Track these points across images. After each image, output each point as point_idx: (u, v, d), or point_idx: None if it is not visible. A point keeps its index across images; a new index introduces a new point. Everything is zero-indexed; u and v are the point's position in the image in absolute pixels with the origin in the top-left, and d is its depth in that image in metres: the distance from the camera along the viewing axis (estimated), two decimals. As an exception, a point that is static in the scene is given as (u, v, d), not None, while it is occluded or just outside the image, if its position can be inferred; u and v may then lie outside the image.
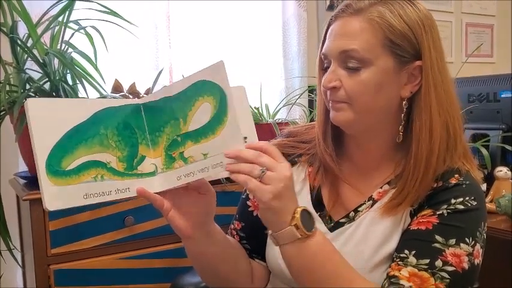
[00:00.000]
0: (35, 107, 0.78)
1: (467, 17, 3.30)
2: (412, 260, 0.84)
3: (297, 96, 2.04)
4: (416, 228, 0.87)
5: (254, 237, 1.06)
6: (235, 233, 1.08)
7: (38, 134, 0.77)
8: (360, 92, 0.88)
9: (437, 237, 0.84)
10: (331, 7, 2.64)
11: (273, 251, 0.98)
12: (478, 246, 0.85)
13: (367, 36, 0.87)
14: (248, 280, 1.03)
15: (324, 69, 0.94)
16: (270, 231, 0.85)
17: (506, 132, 1.82)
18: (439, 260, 0.83)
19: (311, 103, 2.38)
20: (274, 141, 1.07)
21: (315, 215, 0.96)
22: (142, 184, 0.84)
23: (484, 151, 1.72)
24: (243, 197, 1.08)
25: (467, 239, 0.84)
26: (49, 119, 0.79)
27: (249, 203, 1.06)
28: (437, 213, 0.87)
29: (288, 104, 2.07)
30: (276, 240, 0.81)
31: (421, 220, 0.87)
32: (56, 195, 0.77)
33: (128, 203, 1.55)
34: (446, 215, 0.86)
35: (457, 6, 3.25)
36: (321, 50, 0.94)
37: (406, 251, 0.85)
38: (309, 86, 2.35)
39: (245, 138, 0.84)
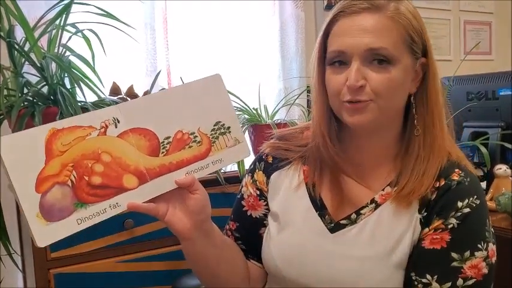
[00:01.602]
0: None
1: (465, 14, 3.29)
2: (436, 286, 0.87)
3: (296, 97, 2.04)
4: (431, 247, 0.88)
5: (249, 237, 1.05)
6: (230, 234, 1.07)
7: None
8: (387, 89, 0.87)
9: (453, 255, 0.87)
10: (328, 6, 2.63)
11: (270, 252, 0.98)
12: (490, 245, 0.88)
13: (393, 34, 0.87)
14: (245, 281, 1.03)
15: (331, 64, 0.90)
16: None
17: (505, 130, 1.82)
18: (460, 279, 0.86)
19: (310, 103, 2.38)
20: (267, 142, 1.06)
21: (314, 214, 0.96)
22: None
23: (483, 149, 1.72)
24: (238, 197, 1.08)
25: (479, 245, 0.87)
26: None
27: (243, 202, 1.06)
28: (449, 226, 0.88)
29: (286, 104, 2.07)
30: None
31: (434, 237, 0.88)
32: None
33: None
34: (456, 226, 0.88)
35: (455, 4, 3.25)
36: (322, 44, 0.92)
37: (428, 277, 0.87)
38: (307, 86, 2.34)
39: (219, 122, 0.91)
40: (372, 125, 0.90)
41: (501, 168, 1.66)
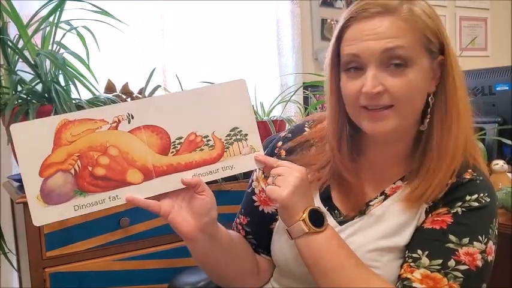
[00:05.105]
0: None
1: (461, 10, 3.30)
2: (425, 261, 0.84)
3: (292, 93, 2.03)
4: (430, 227, 0.87)
5: (260, 232, 1.05)
6: (240, 228, 1.07)
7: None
8: (407, 94, 0.84)
9: (451, 237, 0.85)
10: (324, 3, 2.62)
11: (281, 247, 0.98)
12: (490, 243, 0.86)
13: (409, 36, 0.84)
14: (254, 275, 1.04)
15: (346, 70, 0.88)
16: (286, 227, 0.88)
17: (502, 125, 1.81)
18: (452, 259, 0.83)
19: (306, 100, 2.38)
20: (279, 135, 1.07)
21: (324, 209, 0.95)
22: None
23: (480, 145, 1.71)
24: (249, 191, 1.07)
25: (480, 237, 0.85)
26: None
27: (254, 197, 1.05)
28: (452, 211, 0.87)
29: (283, 101, 2.06)
30: (290, 235, 0.88)
31: (435, 218, 0.87)
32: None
33: (123, 204, 1.53)
34: (460, 213, 0.86)
35: (451, 0, 3.25)
36: (335, 50, 0.90)
37: (419, 251, 0.85)
38: (303, 83, 2.34)
39: (236, 128, 0.90)
40: (393, 133, 0.88)
41: (498, 164, 1.66)
